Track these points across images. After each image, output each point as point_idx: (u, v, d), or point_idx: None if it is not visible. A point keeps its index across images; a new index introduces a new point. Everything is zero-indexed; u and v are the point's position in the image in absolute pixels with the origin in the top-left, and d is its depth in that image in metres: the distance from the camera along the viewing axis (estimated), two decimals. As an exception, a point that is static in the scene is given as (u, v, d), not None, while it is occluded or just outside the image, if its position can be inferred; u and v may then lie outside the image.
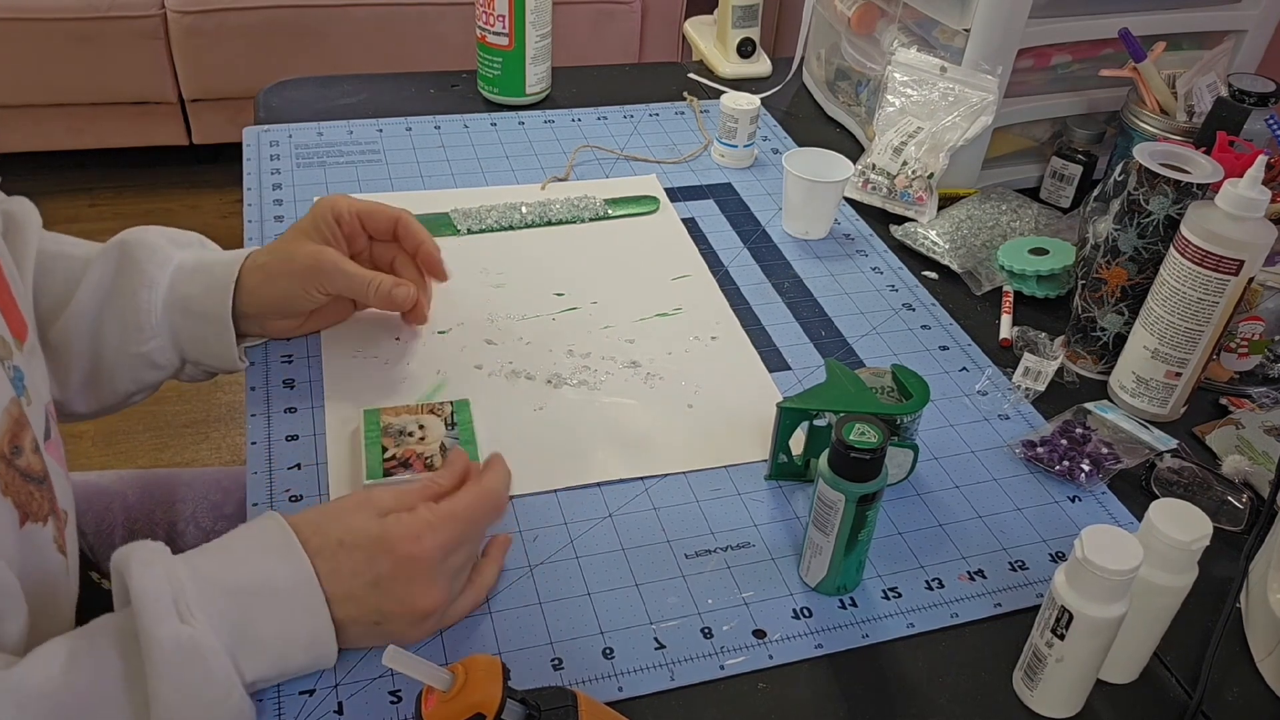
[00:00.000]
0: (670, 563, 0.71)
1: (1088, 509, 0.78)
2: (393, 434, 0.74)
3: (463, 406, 0.78)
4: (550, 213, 1.07)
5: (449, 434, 0.75)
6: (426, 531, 0.59)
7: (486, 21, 1.22)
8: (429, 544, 0.59)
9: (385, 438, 0.74)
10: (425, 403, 0.79)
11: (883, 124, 1.13)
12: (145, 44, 2.38)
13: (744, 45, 1.40)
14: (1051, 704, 0.63)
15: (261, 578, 0.56)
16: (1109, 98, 1.13)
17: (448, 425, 0.76)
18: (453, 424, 0.76)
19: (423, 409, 0.77)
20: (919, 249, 1.06)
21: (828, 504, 0.65)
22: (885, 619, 0.69)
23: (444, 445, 0.74)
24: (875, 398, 0.76)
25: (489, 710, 0.49)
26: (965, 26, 1.05)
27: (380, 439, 0.74)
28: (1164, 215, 0.82)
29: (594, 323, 0.93)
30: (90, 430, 2.00)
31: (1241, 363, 0.90)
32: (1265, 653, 0.67)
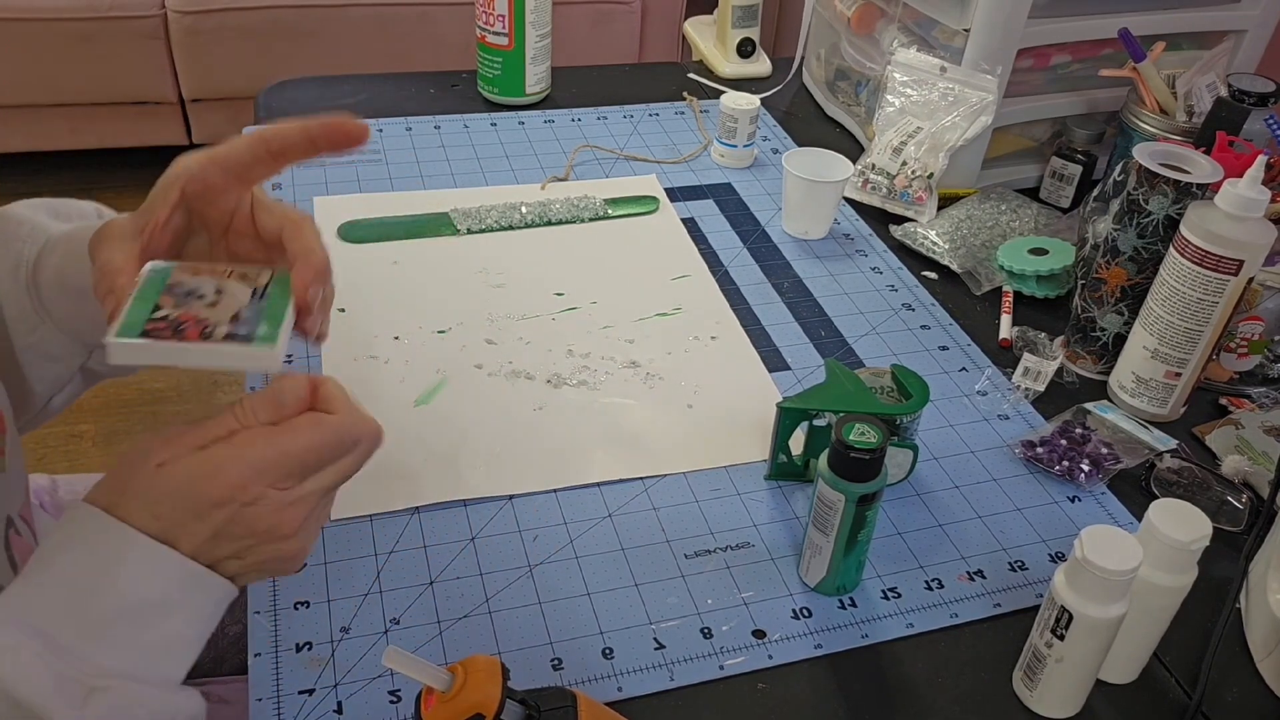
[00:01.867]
0: (670, 563, 0.71)
1: (1087, 509, 0.78)
2: (177, 294, 0.56)
3: (283, 281, 0.59)
4: (550, 213, 1.07)
5: (251, 304, 0.56)
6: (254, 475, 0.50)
7: (486, 21, 1.22)
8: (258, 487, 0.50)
9: (164, 296, 0.56)
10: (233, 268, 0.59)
11: (882, 124, 1.13)
12: (145, 44, 2.38)
13: (744, 45, 1.40)
14: (1051, 704, 0.63)
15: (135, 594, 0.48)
16: (1109, 98, 1.13)
17: (255, 295, 0.57)
18: (262, 295, 0.57)
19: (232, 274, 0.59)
20: (919, 249, 1.06)
21: (827, 504, 0.65)
22: (885, 619, 0.69)
23: (238, 315, 0.55)
24: (875, 398, 0.76)
25: (488, 710, 0.49)
26: (965, 26, 1.05)
27: (157, 295, 0.55)
28: (1164, 215, 0.82)
29: (594, 323, 0.93)
30: (90, 430, 2.00)
31: (1241, 363, 0.90)
32: (1265, 653, 0.67)
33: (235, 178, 0.58)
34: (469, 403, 0.83)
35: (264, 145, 0.57)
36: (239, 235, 0.60)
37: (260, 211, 0.60)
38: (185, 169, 0.57)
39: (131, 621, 0.48)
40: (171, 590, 0.49)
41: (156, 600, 0.49)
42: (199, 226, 0.60)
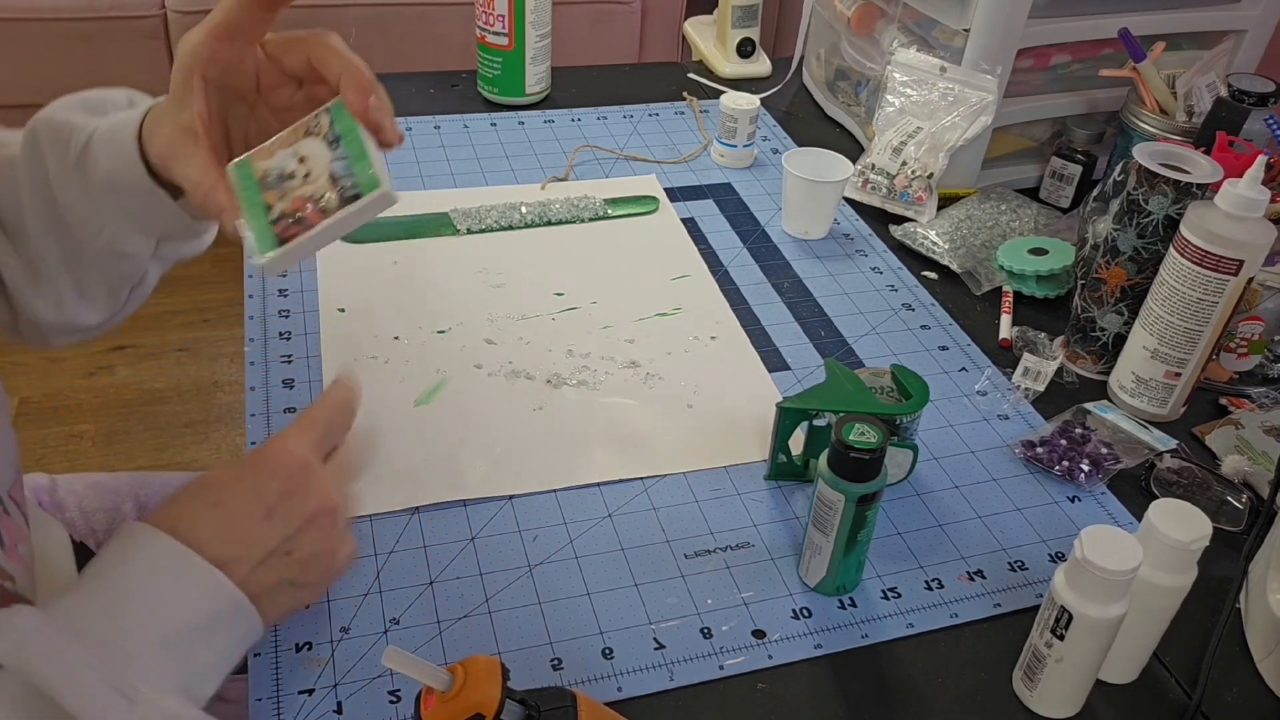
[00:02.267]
0: (670, 563, 0.71)
1: (1087, 509, 0.78)
2: (272, 183, 0.59)
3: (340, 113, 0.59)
4: (550, 213, 1.07)
5: (334, 155, 0.58)
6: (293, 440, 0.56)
7: (486, 21, 1.22)
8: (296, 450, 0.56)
9: (266, 193, 0.58)
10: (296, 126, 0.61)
11: (882, 124, 1.13)
12: (145, 44, 2.38)
13: (744, 45, 1.40)
14: (1051, 704, 0.63)
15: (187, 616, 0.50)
16: (1109, 98, 1.13)
17: (330, 144, 0.59)
18: (335, 140, 0.59)
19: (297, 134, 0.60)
20: (919, 249, 1.06)
21: (827, 504, 0.65)
22: (885, 619, 0.69)
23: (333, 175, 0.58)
24: (875, 398, 0.76)
25: (488, 710, 0.49)
26: (965, 26, 1.05)
27: (260, 197, 0.58)
28: (1163, 215, 0.82)
29: (594, 323, 0.93)
30: (90, 430, 2.00)
31: (1241, 363, 0.90)
32: (1265, 653, 0.67)
33: (242, 41, 0.59)
34: (469, 403, 0.83)
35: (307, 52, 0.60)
36: (271, 88, 0.62)
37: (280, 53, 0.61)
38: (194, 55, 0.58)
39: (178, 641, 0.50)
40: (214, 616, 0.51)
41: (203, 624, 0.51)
42: (231, 97, 0.61)
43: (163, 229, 0.66)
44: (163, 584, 0.51)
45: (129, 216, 0.64)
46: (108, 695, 0.46)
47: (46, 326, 0.69)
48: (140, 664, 0.48)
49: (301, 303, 0.92)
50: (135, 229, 0.65)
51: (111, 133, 0.62)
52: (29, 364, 2.12)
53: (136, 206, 0.63)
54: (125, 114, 0.63)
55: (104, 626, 0.49)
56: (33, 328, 0.70)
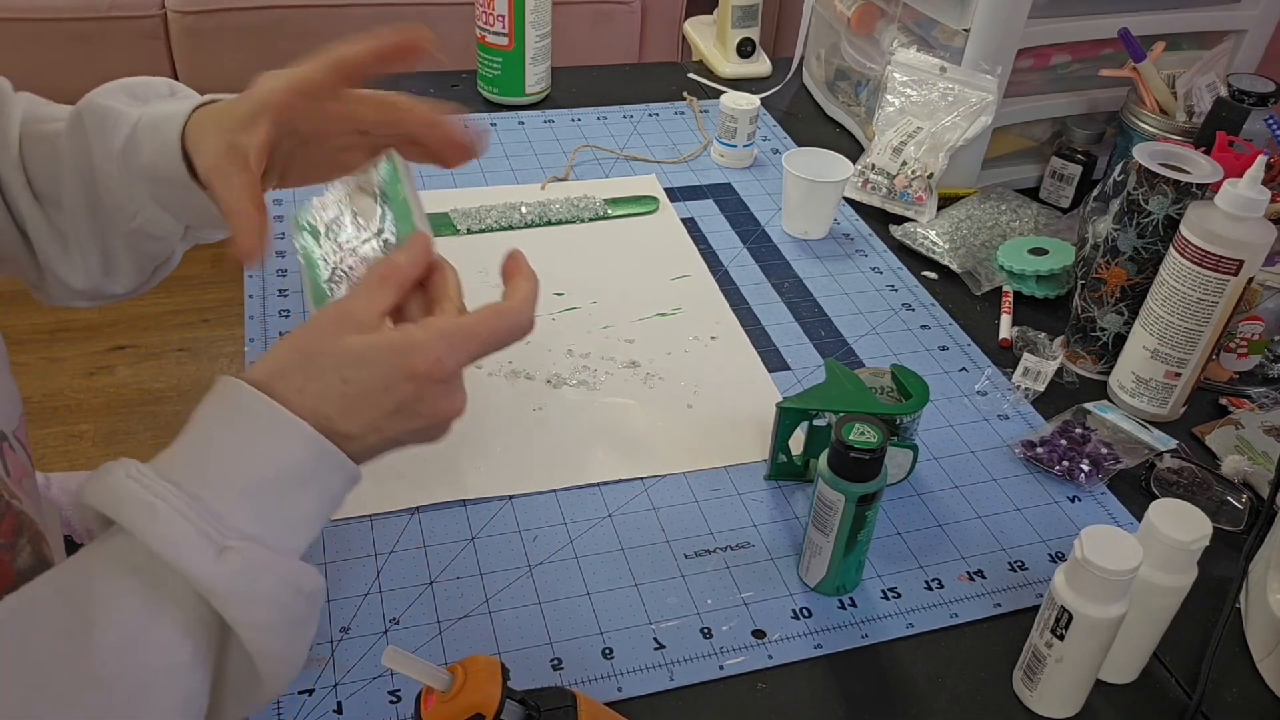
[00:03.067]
0: (670, 563, 0.71)
1: (1087, 509, 0.78)
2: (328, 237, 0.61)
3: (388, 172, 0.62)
4: (550, 213, 1.06)
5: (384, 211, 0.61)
6: (447, 353, 0.53)
7: (486, 21, 1.23)
8: (450, 365, 0.53)
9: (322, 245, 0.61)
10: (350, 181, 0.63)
11: (882, 124, 1.13)
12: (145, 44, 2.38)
13: (744, 45, 1.40)
14: (1051, 704, 0.63)
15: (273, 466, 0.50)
16: (1109, 98, 1.13)
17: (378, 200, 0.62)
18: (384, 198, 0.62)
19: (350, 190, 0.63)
20: (919, 249, 1.06)
21: (827, 504, 0.65)
22: (885, 619, 0.69)
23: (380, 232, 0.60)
24: (875, 398, 0.76)
25: (488, 710, 0.49)
26: (965, 26, 1.05)
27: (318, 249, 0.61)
28: (1163, 215, 0.82)
29: (594, 323, 0.93)
30: (90, 430, 2.00)
31: (1241, 363, 0.90)
32: (1265, 653, 0.67)
33: (319, 100, 0.62)
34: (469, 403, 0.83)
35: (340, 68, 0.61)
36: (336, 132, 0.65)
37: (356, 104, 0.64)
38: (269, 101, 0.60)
39: (269, 490, 0.50)
40: (307, 465, 0.51)
41: (293, 473, 0.51)
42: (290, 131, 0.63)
43: (194, 218, 0.67)
44: (250, 436, 0.51)
45: (164, 203, 0.65)
46: (195, 540, 0.47)
47: (73, 291, 0.70)
48: (227, 512, 0.49)
49: (301, 303, 0.92)
50: (168, 215, 0.66)
51: (156, 123, 0.64)
52: (29, 364, 2.12)
53: (172, 196, 0.64)
54: (169, 105, 0.65)
55: (191, 476, 0.50)
56: (60, 289, 0.71)
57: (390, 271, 0.55)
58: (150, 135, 0.63)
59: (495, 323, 0.55)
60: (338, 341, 0.52)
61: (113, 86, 0.67)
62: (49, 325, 2.22)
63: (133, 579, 0.48)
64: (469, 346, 0.54)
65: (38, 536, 0.57)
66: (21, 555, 0.56)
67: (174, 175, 0.62)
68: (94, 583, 0.48)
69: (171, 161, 0.62)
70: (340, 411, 0.52)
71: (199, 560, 0.47)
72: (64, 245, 0.68)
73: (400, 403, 0.52)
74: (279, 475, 0.50)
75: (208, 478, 0.50)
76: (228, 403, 0.52)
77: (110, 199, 0.65)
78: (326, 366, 0.52)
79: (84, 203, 0.66)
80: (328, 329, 0.53)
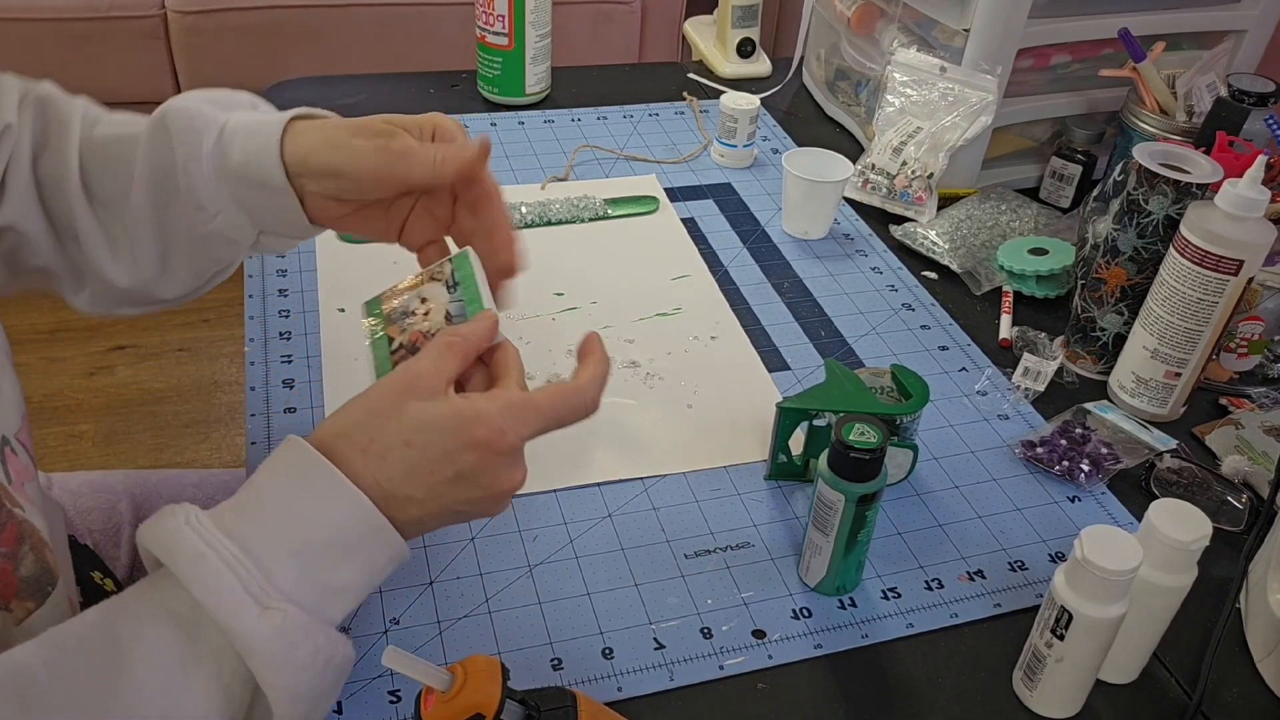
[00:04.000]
0: (670, 563, 0.71)
1: (1087, 509, 0.78)
2: (396, 320, 0.64)
3: (462, 261, 0.65)
4: (550, 213, 1.06)
5: (452, 298, 0.64)
6: (510, 425, 0.53)
7: (486, 21, 1.22)
8: (513, 438, 0.53)
9: (390, 326, 0.64)
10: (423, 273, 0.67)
11: (882, 124, 1.13)
12: (145, 44, 2.38)
13: (744, 45, 1.40)
14: (1051, 704, 0.63)
15: (324, 530, 0.51)
16: (1109, 98, 1.13)
17: (449, 288, 0.64)
18: (454, 285, 0.64)
19: (422, 279, 0.66)
20: (919, 249, 1.06)
21: (827, 504, 0.65)
22: (885, 619, 0.69)
23: (449, 314, 0.63)
24: (875, 398, 0.76)
25: (488, 710, 0.49)
26: (965, 26, 1.05)
27: (385, 330, 0.64)
28: (1163, 215, 0.82)
29: (594, 323, 0.93)
30: (90, 430, 2.00)
31: (1241, 363, 0.90)
32: (1265, 653, 0.67)
33: None
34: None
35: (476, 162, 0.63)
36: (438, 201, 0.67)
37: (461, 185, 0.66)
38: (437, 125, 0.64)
39: (316, 553, 0.50)
40: (356, 533, 0.51)
41: (342, 539, 0.51)
42: None
43: (274, 223, 0.68)
44: (305, 496, 0.51)
45: (247, 206, 0.66)
46: (239, 595, 0.47)
47: (119, 294, 0.70)
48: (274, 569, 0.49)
49: (301, 303, 0.92)
50: (248, 218, 0.67)
51: (248, 127, 0.65)
52: (29, 364, 2.12)
53: (257, 198, 0.66)
54: (258, 114, 0.68)
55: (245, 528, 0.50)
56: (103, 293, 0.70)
57: (456, 340, 0.56)
58: (243, 138, 0.65)
59: (560, 400, 0.56)
60: (404, 405, 0.53)
61: (197, 94, 0.68)
62: (49, 325, 2.22)
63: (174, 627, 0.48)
64: (532, 421, 0.54)
65: (40, 544, 0.57)
66: (24, 563, 0.56)
67: (266, 177, 0.64)
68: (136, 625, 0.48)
69: (267, 163, 0.64)
70: (402, 475, 0.52)
71: (241, 616, 0.47)
72: (114, 246, 0.68)
73: (460, 471, 0.53)
74: (328, 539, 0.51)
75: (260, 533, 0.50)
76: (289, 462, 0.52)
77: (191, 199, 0.65)
78: (391, 429, 0.53)
79: (150, 204, 0.66)
80: (394, 392, 0.54)
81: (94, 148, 0.67)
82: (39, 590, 0.56)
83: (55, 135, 0.66)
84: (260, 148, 0.64)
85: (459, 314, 0.62)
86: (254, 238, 0.69)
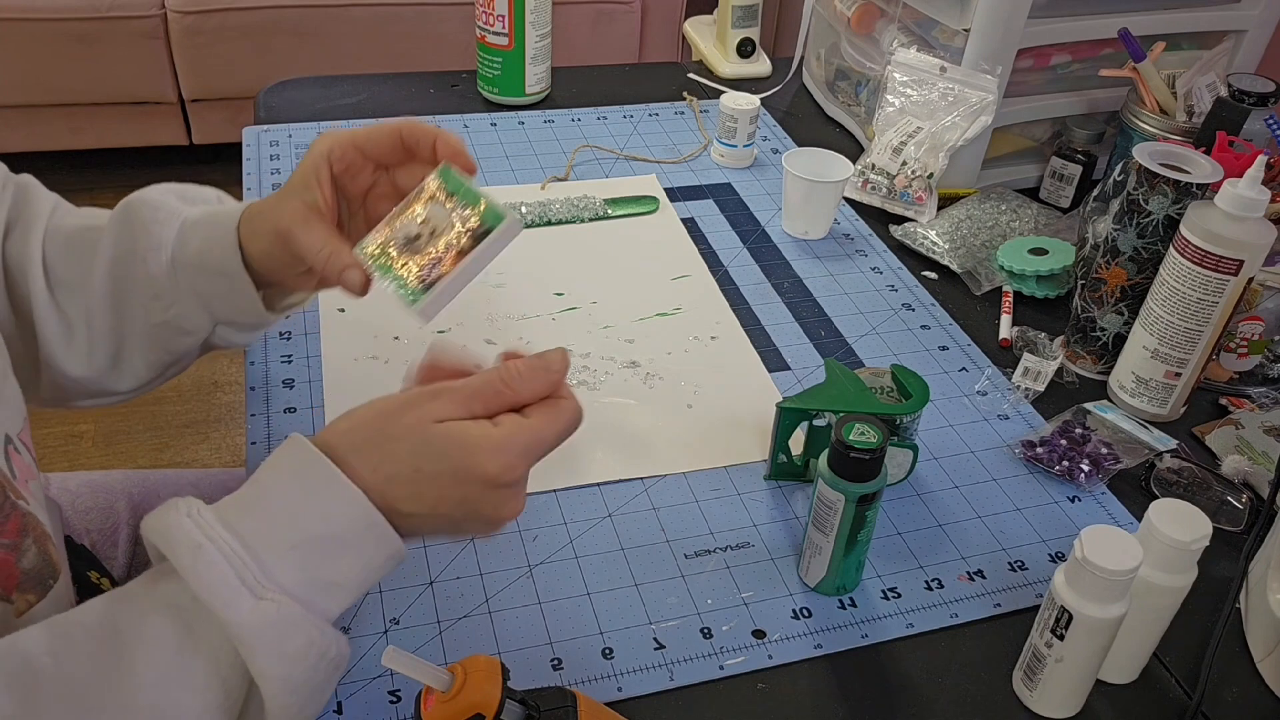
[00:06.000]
0: (670, 563, 0.71)
1: (1087, 509, 0.78)
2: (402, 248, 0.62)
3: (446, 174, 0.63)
4: (550, 213, 1.06)
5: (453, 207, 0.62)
6: (521, 459, 0.53)
7: (486, 21, 1.22)
8: (523, 470, 0.54)
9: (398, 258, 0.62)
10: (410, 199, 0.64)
11: (882, 124, 1.13)
12: (145, 44, 2.38)
13: (744, 45, 1.40)
14: (1051, 704, 0.63)
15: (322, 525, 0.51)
16: (1109, 98, 1.13)
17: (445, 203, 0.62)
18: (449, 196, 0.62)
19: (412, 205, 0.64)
20: (918, 249, 1.06)
21: (827, 504, 0.65)
22: (885, 619, 0.69)
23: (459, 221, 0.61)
24: (875, 398, 0.76)
25: (488, 710, 0.49)
26: (965, 26, 1.05)
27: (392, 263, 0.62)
28: (1164, 215, 0.82)
29: (594, 323, 0.93)
30: (90, 430, 2.00)
31: (1241, 363, 0.90)
32: (1265, 653, 0.67)
33: (373, 163, 0.67)
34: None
35: (398, 137, 0.65)
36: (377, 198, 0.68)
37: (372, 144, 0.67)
38: (328, 150, 0.65)
39: (314, 547, 0.51)
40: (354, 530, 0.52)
41: (339, 534, 0.52)
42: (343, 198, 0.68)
43: (228, 313, 0.70)
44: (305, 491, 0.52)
45: (203, 296, 0.69)
46: (234, 585, 0.48)
47: (71, 385, 0.71)
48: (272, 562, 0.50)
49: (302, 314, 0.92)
50: (203, 308, 0.69)
51: (209, 217, 0.68)
52: (29, 364, 2.12)
53: (214, 288, 0.68)
54: (221, 206, 0.71)
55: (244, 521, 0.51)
56: (55, 387, 0.71)
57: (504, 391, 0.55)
58: (202, 228, 0.68)
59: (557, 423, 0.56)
60: (419, 430, 0.53)
61: (162, 188, 0.71)
62: (49, 325, 2.22)
63: (173, 619, 0.49)
64: (538, 451, 0.55)
65: (43, 537, 0.58)
66: (27, 556, 0.56)
67: (223, 265, 0.67)
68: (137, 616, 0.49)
69: (224, 251, 0.66)
70: (407, 495, 0.53)
71: (235, 606, 0.48)
72: (69, 334, 0.69)
73: (465, 498, 0.54)
74: (326, 534, 0.51)
75: (260, 527, 0.51)
76: (291, 459, 0.53)
77: (148, 289, 0.68)
78: (402, 453, 0.53)
79: (110, 291, 0.68)
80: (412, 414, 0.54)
81: (60, 234, 0.69)
82: (41, 583, 0.57)
83: (24, 218, 0.68)
84: (217, 235, 0.67)
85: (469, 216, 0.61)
86: (209, 329, 0.71)
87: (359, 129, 0.66)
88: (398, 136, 0.66)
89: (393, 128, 0.66)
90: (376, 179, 0.68)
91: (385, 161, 0.67)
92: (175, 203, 0.70)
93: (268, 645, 0.48)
